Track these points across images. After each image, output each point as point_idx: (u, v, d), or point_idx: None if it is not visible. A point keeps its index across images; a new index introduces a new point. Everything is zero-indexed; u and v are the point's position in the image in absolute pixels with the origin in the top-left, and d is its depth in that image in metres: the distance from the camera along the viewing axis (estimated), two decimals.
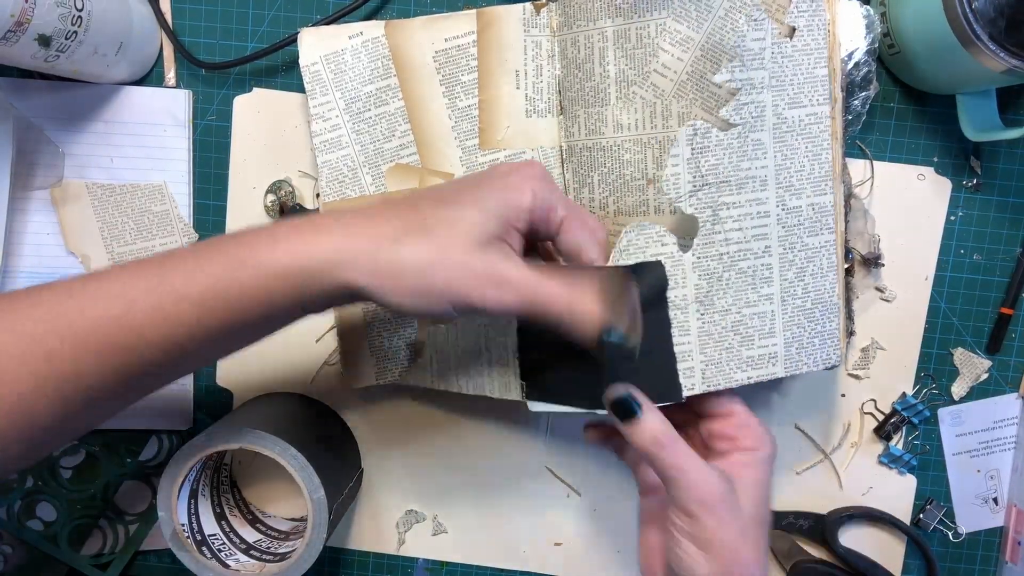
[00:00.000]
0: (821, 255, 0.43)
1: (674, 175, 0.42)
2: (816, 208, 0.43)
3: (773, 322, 0.43)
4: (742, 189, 0.42)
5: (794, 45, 0.42)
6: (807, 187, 0.43)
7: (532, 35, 0.49)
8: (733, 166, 0.42)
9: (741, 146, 0.42)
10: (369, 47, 0.49)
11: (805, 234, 0.43)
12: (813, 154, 0.43)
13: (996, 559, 0.54)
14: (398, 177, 0.50)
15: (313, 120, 0.50)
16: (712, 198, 0.42)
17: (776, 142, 0.42)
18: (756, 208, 0.43)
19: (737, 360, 0.43)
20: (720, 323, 0.43)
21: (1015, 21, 0.41)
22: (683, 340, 0.43)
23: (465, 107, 0.50)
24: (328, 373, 0.54)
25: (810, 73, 0.42)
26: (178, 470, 0.46)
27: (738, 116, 0.42)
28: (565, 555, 0.55)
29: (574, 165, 0.48)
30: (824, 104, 0.42)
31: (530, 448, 0.55)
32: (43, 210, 0.54)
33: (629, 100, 0.46)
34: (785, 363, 0.43)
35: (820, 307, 0.44)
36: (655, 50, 0.45)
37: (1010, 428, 0.53)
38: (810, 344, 0.44)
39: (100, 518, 0.56)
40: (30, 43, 0.42)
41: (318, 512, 0.46)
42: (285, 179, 0.53)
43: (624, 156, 0.46)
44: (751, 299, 0.43)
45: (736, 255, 0.43)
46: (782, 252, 0.43)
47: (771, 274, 0.43)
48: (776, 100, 0.42)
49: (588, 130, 0.47)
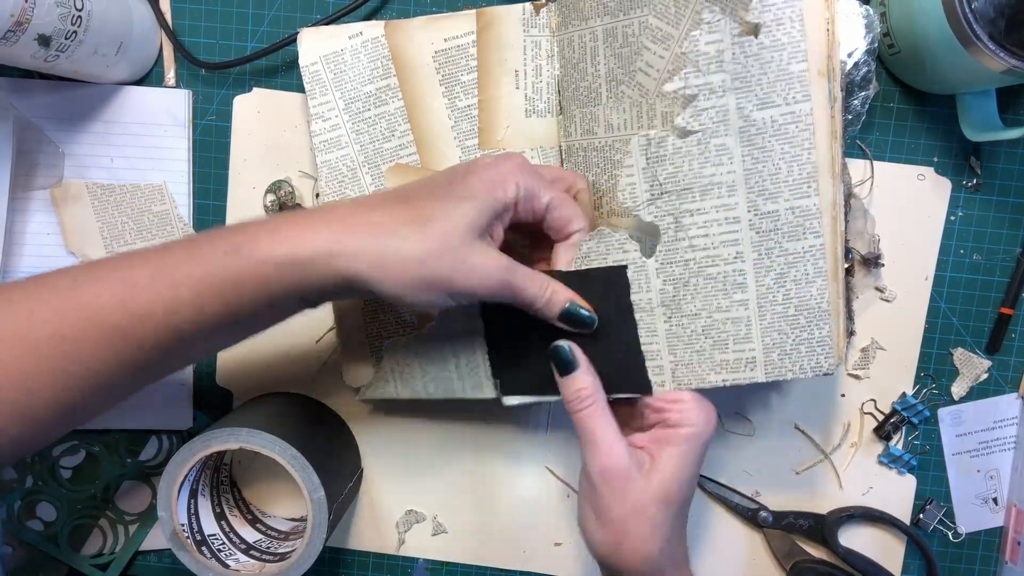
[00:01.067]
0: (805, 260, 0.41)
1: (629, 185, 0.43)
2: (797, 212, 0.41)
3: (749, 327, 0.42)
4: (707, 195, 0.41)
5: (760, 43, 0.40)
6: (784, 191, 0.41)
7: (532, 35, 0.49)
8: (694, 173, 0.41)
9: (702, 152, 0.41)
10: (369, 47, 0.49)
11: (784, 239, 0.41)
12: (791, 156, 0.40)
13: (996, 559, 0.54)
14: (398, 177, 0.50)
15: (313, 120, 0.50)
16: (672, 206, 0.42)
17: (744, 145, 0.41)
18: (724, 214, 0.41)
19: (710, 363, 0.43)
20: (689, 327, 0.43)
21: (1015, 21, 0.41)
22: (651, 340, 0.43)
23: (465, 107, 0.50)
24: (328, 373, 0.54)
25: (782, 71, 0.40)
26: (178, 470, 0.46)
27: (696, 122, 0.41)
28: (565, 555, 0.55)
29: (572, 165, 0.48)
30: (802, 102, 0.40)
31: (530, 448, 0.55)
32: (43, 210, 0.54)
33: (618, 100, 0.45)
34: (766, 368, 0.42)
35: (805, 313, 0.41)
36: (639, 48, 0.44)
37: (1010, 428, 0.53)
38: (795, 351, 0.42)
39: (100, 518, 0.56)
40: (30, 43, 0.42)
41: (318, 512, 0.46)
42: (285, 179, 0.53)
43: (614, 156, 0.46)
44: (723, 304, 0.42)
45: (703, 261, 0.42)
46: (757, 258, 0.41)
47: (745, 280, 0.42)
48: (742, 102, 0.40)
49: (583, 130, 0.47)
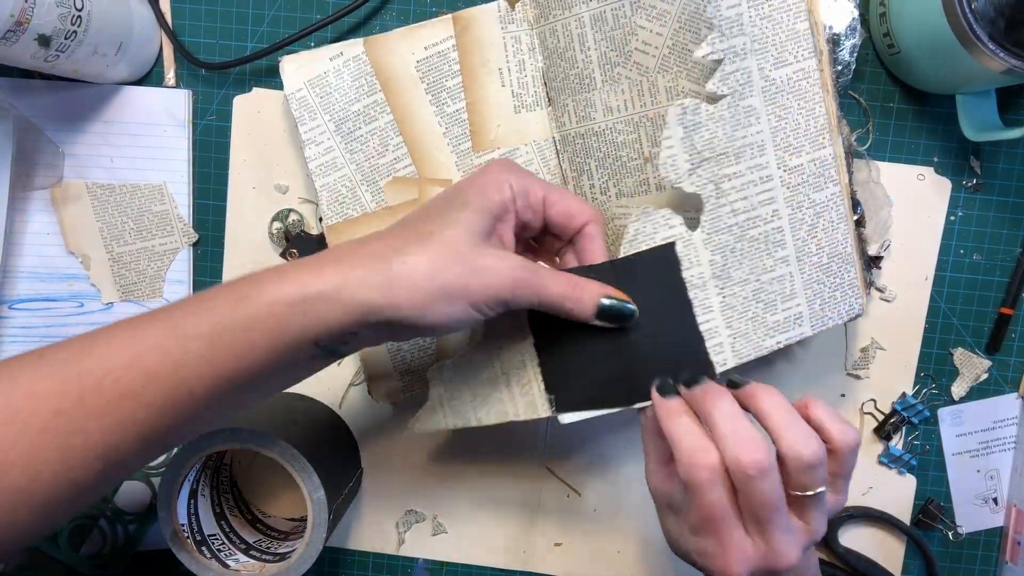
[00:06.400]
0: (830, 208, 0.43)
1: (670, 157, 0.42)
2: (818, 163, 0.43)
3: (793, 283, 0.43)
4: (740, 158, 0.42)
5: (772, 4, 0.41)
6: (805, 144, 0.43)
7: (510, 31, 0.49)
8: (728, 137, 0.42)
9: (733, 115, 0.42)
10: (351, 66, 0.49)
11: (811, 191, 0.43)
12: (807, 110, 0.42)
13: (996, 559, 0.54)
14: (397, 190, 0.50)
15: (306, 146, 0.49)
16: (712, 172, 0.42)
17: (768, 104, 0.42)
18: (758, 174, 0.42)
19: (764, 328, 0.43)
20: (741, 294, 0.43)
21: (1015, 21, 0.41)
22: (707, 318, 0.42)
23: (453, 112, 0.50)
24: (328, 373, 0.54)
25: (791, 30, 0.42)
26: (178, 470, 0.46)
27: (725, 86, 0.41)
28: (565, 555, 0.55)
29: (569, 154, 0.48)
30: (810, 58, 0.42)
31: (530, 448, 0.55)
32: (43, 210, 0.54)
33: (615, 82, 0.45)
34: (811, 321, 0.44)
35: (837, 260, 0.44)
36: (634, 28, 0.45)
37: (1010, 428, 0.53)
38: (832, 298, 0.44)
39: (100, 518, 0.56)
40: (30, 43, 0.42)
41: (318, 512, 0.46)
42: (291, 208, 0.53)
43: (618, 138, 0.46)
44: (767, 265, 0.43)
45: (745, 224, 0.42)
46: (791, 213, 0.43)
47: (783, 236, 0.43)
48: (761, 63, 0.42)
49: (579, 117, 0.47)
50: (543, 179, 0.42)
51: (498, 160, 0.41)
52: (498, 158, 0.49)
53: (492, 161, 0.43)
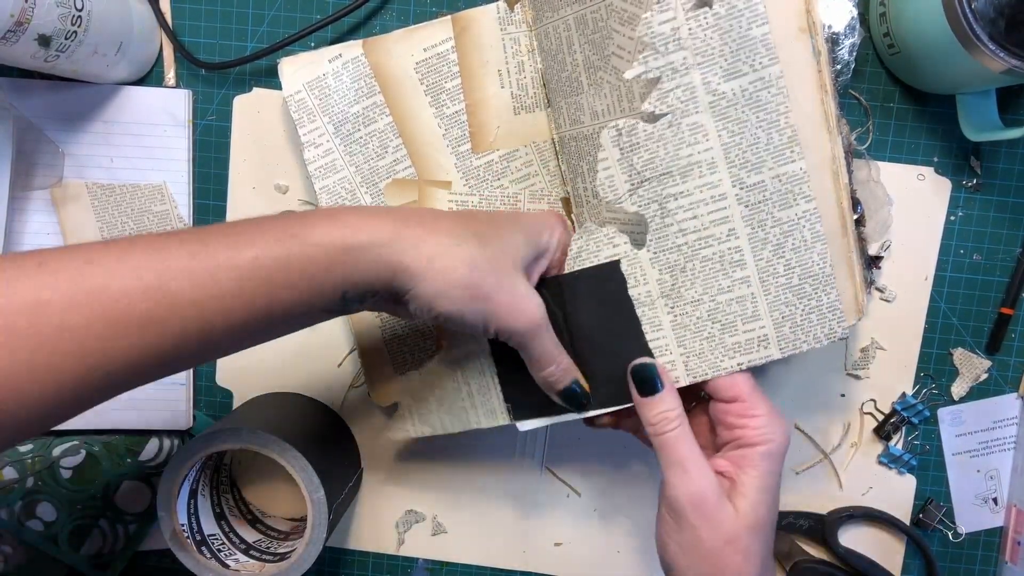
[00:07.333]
0: (800, 227, 0.40)
1: (607, 178, 0.42)
2: (784, 179, 0.40)
3: (755, 304, 0.41)
4: (687, 177, 0.40)
5: (715, 13, 0.39)
6: (767, 159, 0.40)
7: (509, 32, 0.49)
8: (671, 156, 0.40)
9: (676, 134, 0.40)
10: (350, 68, 0.49)
11: (775, 208, 0.40)
12: (768, 123, 0.39)
13: (996, 559, 0.54)
14: (397, 192, 0.50)
15: (305, 148, 0.49)
16: (655, 192, 0.41)
17: (718, 120, 0.40)
18: (709, 193, 0.40)
19: (722, 348, 0.42)
20: (694, 314, 0.42)
21: (1015, 21, 0.41)
22: (656, 335, 0.42)
23: (453, 113, 0.50)
24: (328, 373, 0.54)
25: (743, 38, 0.39)
26: (178, 470, 0.46)
27: (664, 105, 0.40)
28: (565, 555, 0.55)
29: (566, 157, 0.48)
30: (770, 66, 0.39)
31: (530, 448, 0.55)
32: (43, 210, 0.54)
33: (598, 86, 0.44)
34: (779, 344, 0.41)
35: (810, 281, 0.41)
36: (609, 32, 0.43)
37: (1010, 428, 0.53)
38: (805, 321, 0.41)
39: (100, 518, 0.56)
40: (30, 43, 0.42)
41: (318, 512, 0.46)
42: (291, 210, 0.53)
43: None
44: (724, 285, 0.41)
45: (696, 244, 0.41)
46: (750, 232, 0.41)
47: (742, 256, 0.41)
48: (707, 76, 0.39)
49: (571, 120, 0.47)
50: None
51: (556, 212, 0.46)
52: (554, 210, 0.49)
53: (551, 210, 0.48)
